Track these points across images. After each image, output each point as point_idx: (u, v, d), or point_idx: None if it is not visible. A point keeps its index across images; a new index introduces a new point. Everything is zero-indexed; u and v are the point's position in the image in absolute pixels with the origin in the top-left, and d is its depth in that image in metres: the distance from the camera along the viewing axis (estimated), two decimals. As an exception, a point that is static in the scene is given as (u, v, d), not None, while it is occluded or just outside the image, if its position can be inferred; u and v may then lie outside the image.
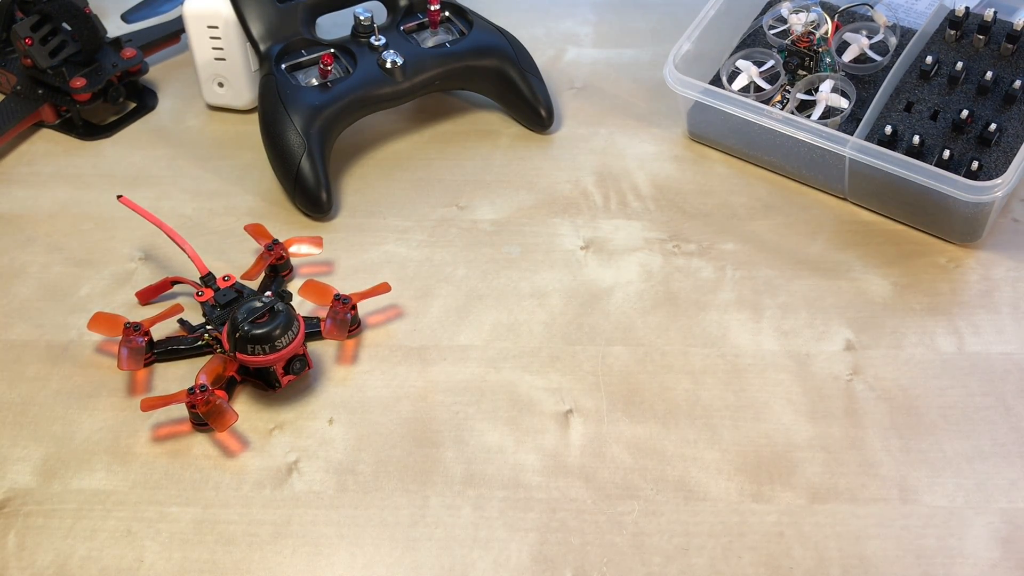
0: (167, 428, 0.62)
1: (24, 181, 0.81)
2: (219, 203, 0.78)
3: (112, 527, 0.56)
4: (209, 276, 0.68)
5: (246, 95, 0.85)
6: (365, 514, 0.57)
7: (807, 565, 0.54)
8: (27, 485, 0.59)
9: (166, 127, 0.86)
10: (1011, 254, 0.72)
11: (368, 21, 0.81)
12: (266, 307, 0.60)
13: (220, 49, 0.82)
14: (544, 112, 0.83)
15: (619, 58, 0.93)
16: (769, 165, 0.80)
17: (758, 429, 0.61)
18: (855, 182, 0.75)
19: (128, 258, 0.73)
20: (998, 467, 0.59)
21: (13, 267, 0.73)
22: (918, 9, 0.81)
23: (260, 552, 0.55)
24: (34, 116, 0.84)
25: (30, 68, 0.84)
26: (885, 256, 0.72)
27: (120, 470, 0.59)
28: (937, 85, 0.75)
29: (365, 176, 0.81)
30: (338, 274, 0.72)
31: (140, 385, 0.64)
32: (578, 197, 0.78)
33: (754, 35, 0.83)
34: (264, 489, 0.58)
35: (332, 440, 0.61)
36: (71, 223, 0.76)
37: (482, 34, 0.83)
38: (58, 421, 0.62)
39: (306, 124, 0.75)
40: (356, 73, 0.79)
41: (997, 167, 0.70)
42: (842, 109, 0.76)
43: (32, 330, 0.68)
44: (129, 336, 0.63)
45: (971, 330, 0.67)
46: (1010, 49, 0.74)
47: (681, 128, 0.84)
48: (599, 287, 0.71)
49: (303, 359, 0.62)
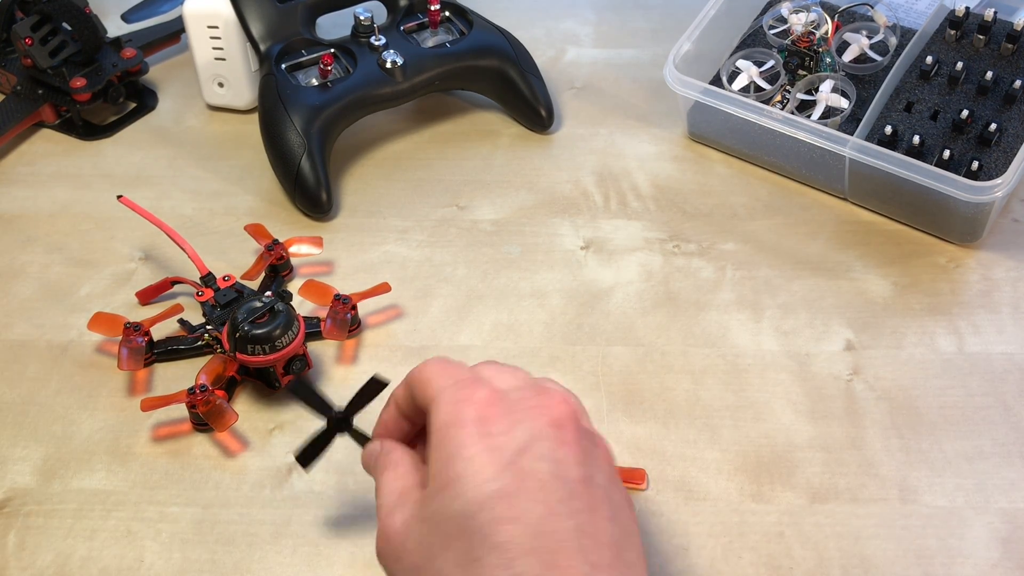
0: (167, 428, 0.62)
1: (24, 181, 0.81)
2: (219, 203, 0.78)
3: (112, 527, 0.56)
4: (209, 276, 0.68)
5: (246, 95, 0.85)
6: (365, 514, 0.57)
7: (807, 565, 0.54)
8: (27, 485, 0.59)
9: (166, 127, 0.86)
10: (1011, 254, 0.72)
11: (368, 21, 0.81)
12: (266, 307, 0.60)
13: (220, 49, 0.82)
14: (544, 112, 0.83)
15: (619, 58, 0.93)
16: (769, 165, 0.80)
17: (758, 429, 0.61)
18: (855, 182, 0.75)
19: (128, 258, 0.73)
20: (998, 467, 0.59)
21: (13, 267, 0.73)
22: (918, 9, 0.81)
23: (260, 552, 0.55)
24: (34, 116, 0.84)
25: (30, 68, 0.84)
26: (885, 256, 0.72)
27: (120, 470, 0.59)
28: (937, 85, 0.75)
29: (365, 176, 0.81)
30: (338, 274, 0.72)
31: (140, 385, 0.64)
32: (578, 197, 0.78)
33: (754, 35, 0.83)
34: (264, 489, 0.58)
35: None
36: (71, 223, 0.76)
37: (482, 34, 0.83)
38: (58, 421, 0.62)
39: (306, 124, 0.75)
40: (356, 73, 0.79)
41: (997, 167, 0.70)
42: (842, 109, 0.76)
43: (32, 330, 0.68)
44: (129, 336, 0.63)
45: (971, 330, 0.67)
46: (1010, 49, 0.74)
47: (681, 128, 0.84)
48: (599, 287, 0.71)
49: (303, 359, 0.62)
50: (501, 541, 0.35)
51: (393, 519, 0.40)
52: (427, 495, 0.39)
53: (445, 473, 0.38)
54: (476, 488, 0.37)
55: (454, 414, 0.39)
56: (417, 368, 0.43)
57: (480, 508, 0.36)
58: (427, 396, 0.41)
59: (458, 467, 0.37)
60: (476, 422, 0.38)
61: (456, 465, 0.37)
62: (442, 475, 0.38)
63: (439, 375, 0.41)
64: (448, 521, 0.37)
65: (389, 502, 0.41)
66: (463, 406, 0.39)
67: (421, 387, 0.42)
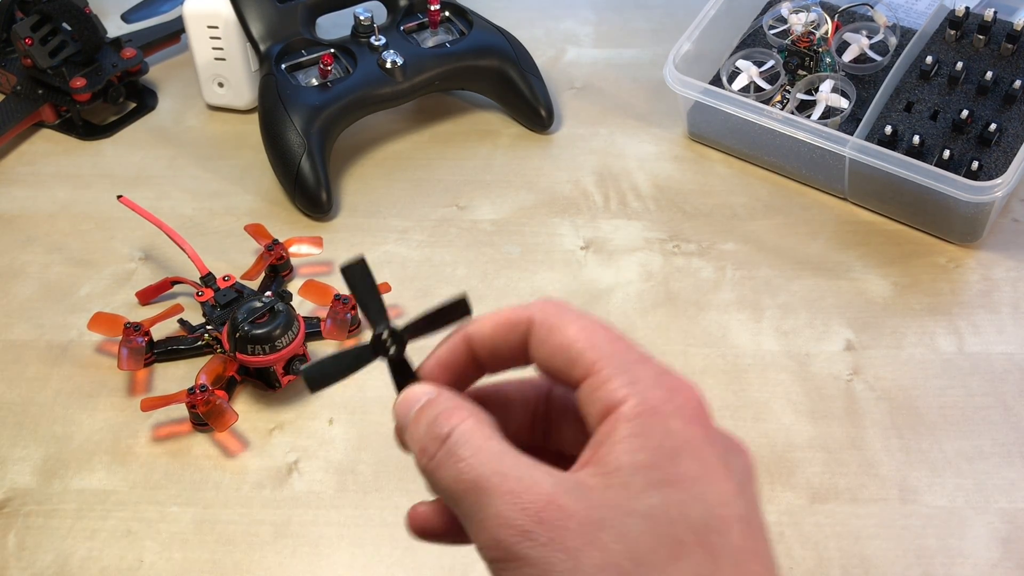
0: (167, 428, 0.62)
1: (24, 181, 0.81)
2: (219, 203, 0.78)
3: (112, 527, 0.56)
4: (209, 276, 0.68)
5: (246, 95, 0.85)
6: (365, 514, 0.57)
7: (807, 565, 0.54)
8: (27, 485, 0.59)
9: (166, 127, 0.86)
10: (1011, 254, 0.72)
11: (368, 21, 0.81)
12: (266, 307, 0.60)
13: (220, 49, 0.82)
14: (544, 112, 0.83)
15: (619, 58, 0.93)
16: (769, 165, 0.80)
17: (758, 429, 0.61)
18: (855, 182, 0.74)
19: (128, 258, 0.73)
20: (998, 467, 0.59)
21: (13, 267, 0.73)
22: (918, 9, 0.81)
23: (260, 552, 0.55)
24: (34, 116, 0.84)
25: (30, 68, 0.83)
26: (885, 256, 0.72)
27: (120, 470, 0.59)
28: (937, 85, 0.75)
29: (365, 176, 0.81)
30: (338, 274, 0.72)
31: (140, 385, 0.64)
32: (578, 197, 0.78)
33: (754, 35, 0.83)
34: (264, 489, 0.58)
35: (332, 440, 0.61)
36: (71, 223, 0.76)
37: (482, 34, 0.83)
38: (58, 421, 0.62)
39: (306, 124, 0.75)
40: (356, 73, 0.79)
41: (997, 167, 0.70)
42: (842, 109, 0.76)
43: (32, 330, 0.68)
44: (129, 336, 0.63)
45: (971, 330, 0.67)
46: (1010, 49, 0.74)
47: (681, 128, 0.84)
48: (599, 287, 0.71)
49: (303, 359, 0.62)
50: (749, 572, 0.30)
51: (564, 501, 0.31)
52: (629, 485, 0.31)
53: (666, 468, 0.31)
54: (721, 502, 0.31)
55: (671, 403, 0.32)
56: (558, 322, 0.34)
57: (725, 526, 0.31)
58: (590, 365, 0.33)
59: (691, 467, 0.31)
60: (700, 424, 0.33)
61: (687, 463, 0.31)
62: (660, 468, 0.31)
63: (605, 343, 0.33)
64: (682, 525, 0.31)
65: (539, 477, 0.31)
66: (680, 397, 0.33)
67: (576, 352, 0.33)
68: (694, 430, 0.32)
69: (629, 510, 0.30)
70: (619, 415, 0.32)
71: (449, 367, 0.36)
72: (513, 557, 0.30)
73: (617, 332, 0.34)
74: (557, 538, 0.30)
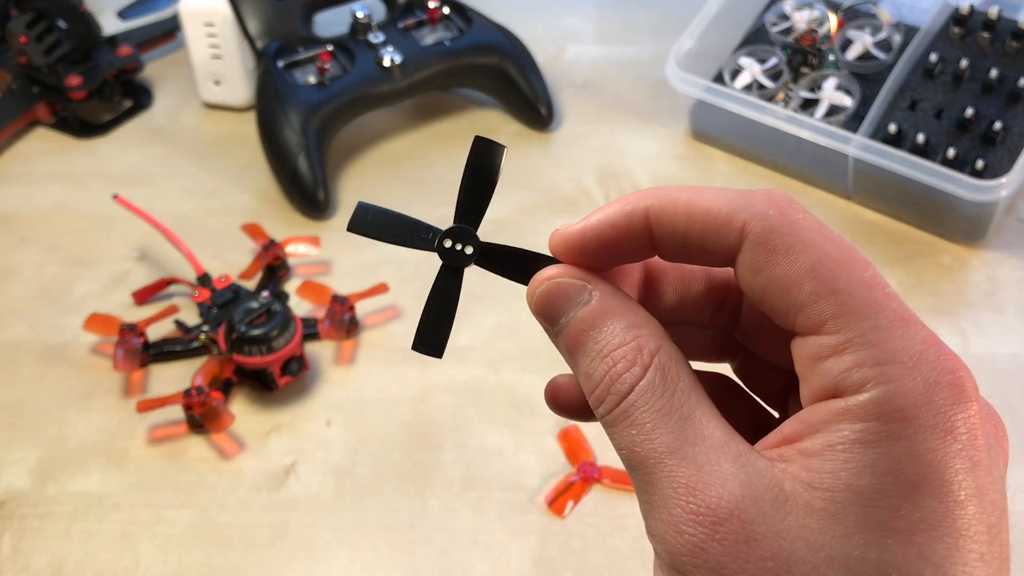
0: (163, 430, 0.61)
1: (19, 180, 0.80)
2: (215, 202, 0.77)
3: (108, 530, 0.56)
4: (205, 276, 0.67)
5: (243, 93, 0.84)
6: (363, 517, 0.56)
7: None
8: (22, 487, 0.58)
9: (162, 125, 0.86)
10: (1016, 254, 0.72)
11: (366, 18, 0.80)
12: (263, 308, 0.60)
13: (216, 47, 0.82)
14: (544, 110, 0.83)
15: (620, 55, 0.92)
16: (772, 164, 0.79)
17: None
18: (859, 181, 0.74)
19: (124, 258, 0.73)
20: (1004, 469, 0.58)
21: (8, 267, 0.72)
22: (922, 6, 0.80)
23: (257, 555, 0.55)
24: (29, 114, 0.84)
25: (25, 66, 0.83)
26: (889, 256, 0.72)
27: (116, 472, 0.59)
28: (941, 83, 0.74)
29: (363, 175, 0.80)
30: (336, 274, 0.71)
31: (136, 386, 0.64)
32: (579, 196, 0.77)
33: (757, 32, 0.82)
34: (261, 491, 0.58)
35: (330, 442, 0.60)
36: (66, 222, 0.76)
37: (481, 31, 0.83)
38: (53, 423, 0.62)
39: (303, 123, 0.74)
40: (354, 71, 0.78)
41: (1002, 166, 0.70)
42: (846, 107, 0.75)
43: (27, 331, 0.67)
44: (125, 337, 0.63)
45: (976, 330, 0.66)
46: (1015, 47, 0.73)
47: (683, 126, 0.83)
48: (600, 287, 0.70)
49: (300, 360, 0.62)
50: None
51: (751, 515, 0.23)
52: (838, 518, 0.23)
53: (896, 506, 0.23)
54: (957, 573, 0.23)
55: (928, 405, 0.24)
56: (784, 242, 0.25)
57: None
58: (823, 319, 0.25)
59: (930, 512, 0.23)
60: (963, 441, 0.24)
61: (927, 506, 0.23)
62: (887, 505, 0.23)
63: (852, 288, 0.25)
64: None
65: (727, 471, 0.24)
66: (945, 393, 0.25)
67: (807, 296, 0.25)
68: (951, 452, 0.23)
69: (830, 556, 0.23)
70: (849, 407, 0.24)
71: (610, 243, 0.27)
72: (673, 565, 0.24)
73: (872, 269, 0.26)
74: (728, 569, 0.23)
